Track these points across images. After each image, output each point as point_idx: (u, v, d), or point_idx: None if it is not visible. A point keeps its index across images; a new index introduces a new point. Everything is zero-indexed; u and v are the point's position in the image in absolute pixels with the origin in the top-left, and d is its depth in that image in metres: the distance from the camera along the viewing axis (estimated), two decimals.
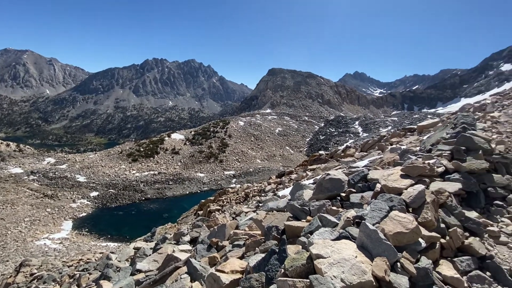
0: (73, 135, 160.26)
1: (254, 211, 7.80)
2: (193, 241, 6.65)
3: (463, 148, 3.44)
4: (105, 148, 63.41)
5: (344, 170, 6.27)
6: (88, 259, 13.56)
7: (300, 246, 2.41)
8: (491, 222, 2.70)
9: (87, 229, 29.88)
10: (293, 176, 14.07)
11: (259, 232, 4.56)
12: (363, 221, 2.15)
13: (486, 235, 2.56)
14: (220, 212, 12.51)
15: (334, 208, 3.51)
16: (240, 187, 18.42)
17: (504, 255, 2.39)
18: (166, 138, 58.97)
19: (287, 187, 11.32)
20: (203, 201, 17.48)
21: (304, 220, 3.59)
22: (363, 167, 5.75)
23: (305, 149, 64.53)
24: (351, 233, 2.14)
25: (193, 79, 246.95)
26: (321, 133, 73.15)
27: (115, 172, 46.34)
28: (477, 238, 2.39)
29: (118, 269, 6.31)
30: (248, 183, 23.53)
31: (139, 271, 5.27)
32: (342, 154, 14.32)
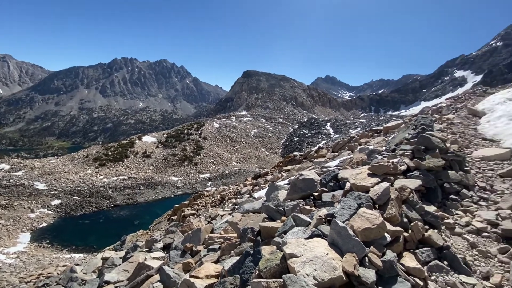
0: (30, 138, 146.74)
1: (230, 214, 7.75)
2: (167, 248, 6.44)
3: (423, 147, 3.73)
4: (68, 153, 58.88)
5: (316, 170, 6.47)
6: (49, 273, 12.47)
7: (275, 247, 2.43)
8: (447, 215, 2.95)
9: (48, 241, 27.48)
10: (269, 177, 14.21)
11: (235, 235, 4.53)
12: (333, 219, 2.23)
13: (443, 227, 2.79)
14: (195, 216, 12.23)
15: (307, 207, 3.59)
16: (216, 190, 18.18)
17: (459, 245, 2.62)
18: (137, 141, 56.43)
19: (263, 189, 11.38)
20: (177, 205, 16.98)
21: (279, 221, 3.63)
22: (334, 167, 5.97)
23: (280, 151, 65.53)
24: (323, 231, 2.21)
25: (166, 79, 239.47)
26: (295, 134, 74.79)
27: (80, 178, 43.28)
28: (436, 230, 2.59)
29: (83, 282, 5.89)
30: (224, 186, 23.30)
31: (108, 282, 4.97)
32: (315, 154, 14.78)
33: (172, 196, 42.58)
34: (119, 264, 5.98)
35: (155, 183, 45.29)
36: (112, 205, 38.20)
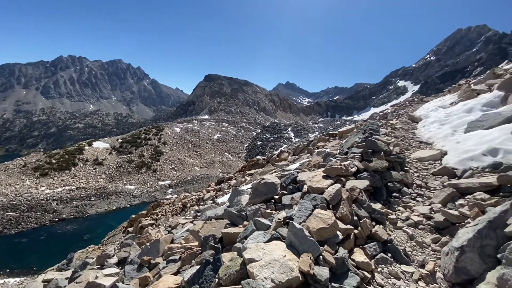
0: None
1: (191, 222, 7.51)
2: (122, 263, 5.99)
3: (370, 150, 4.11)
4: (1, 162, 51.17)
5: (277, 174, 6.66)
6: None
7: (236, 253, 2.44)
8: (391, 211, 3.29)
9: None
10: (232, 182, 14.14)
11: (197, 244, 4.42)
12: (291, 221, 2.33)
13: (387, 223, 3.10)
14: (154, 226, 11.58)
15: (268, 211, 3.67)
16: (177, 197, 17.46)
17: (400, 238, 2.93)
18: (87, 147, 51.53)
19: (226, 194, 11.29)
20: (133, 216, 15.86)
21: (241, 226, 3.64)
22: (294, 170, 6.21)
23: (244, 155, 65.79)
24: (281, 233, 2.29)
25: (120, 81, 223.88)
26: (258, 138, 75.87)
27: (15, 191, 37.88)
28: (381, 226, 2.86)
29: None
30: (186, 193, 22.50)
31: None
32: (277, 158, 15.16)
33: (128, 206, 39.67)
34: (65, 286, 5.37)
35: (108, 192, 41.76)
36: (57, 219, 34.13)
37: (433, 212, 3.25)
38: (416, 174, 4.37)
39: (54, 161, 45.01)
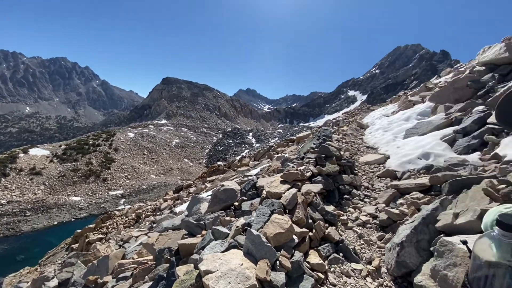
0: None
1: (146, 234, 7.04)
2: (63, 285, 5.34)
3: (323, 155, 4.36)
4: None
5: (238, 179, 6.65)
6: None
7: (192, 265, 2.34)
8: (342, 213, 3.51)
9: None
10: (192, 189, 13.69)
11: (151, 258, 4.14)
12: (249, 228, 2.32)
13: (339, 224, 3.29)
14: (104, 241, 10.57)
15: (227, 218, 3.62)
16: (130, 208, 16.23)
17: (351, 237, 3.14)
18: (21, 155, 45.11)
19: (185, 202, 10.86)
20: (79, 231, 14.26)
21: (199, 236, 3.53)
22: (254, 175, 6.26)
23: (205, 161, 64.37)
24: (239, 241, 2.27)
25: (64, 81, 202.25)
26: (219, 144, 75.08)
27: None
28: (334, 227, 3.03)
29: None
30: (141, 203, 21.06)
31: None
32: (239, 164, 15.16)
33: (73, 220, 35.65)
34: None
35: (48, 206, 37.02)
36: None
37: (378, 212, 3.56)
38: (364, 176, 4.75)
39: None
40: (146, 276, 3.30)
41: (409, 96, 10.66)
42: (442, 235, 2.45)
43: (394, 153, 5.53)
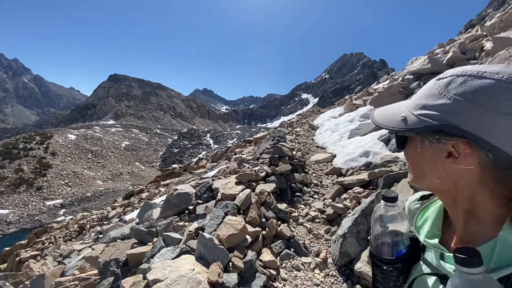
0: None
1: (90, 247, 6.40)
2: None
3: (277, 155, 4.53)
4: None
5: (194, 182, 6.48)
6: None
7: (141, 275, 2.22)
8: (294, 209, 3.70)
9: None
10: (144, 195, 12.86)
11: (95, 272, 3.79)
12: (201, 232, 2.30)
13: (291, 220, 3.47)
14: (39, 258, 9.29)
15: (180, 223, 3.51)
16: (72, 219, 14.54)
17: (301, 233, 3.33)
18: None
19: (136, 209, 10.16)
20: (7, 249, 12.24)
21: (151, 244, 3.36)
22: (211, 177, 6.18)
23: (159, 164, 61.02)
24: (191, 246, 2.23)
25: None
26: (174, 146, 72.01)
27: None
28: (286, 224, 3.18)
29: None
30: (85, 212, 19.02)
31: None
32: (195, 166, 14.74)
33: (0, 236, 30.51)
34: None
35: None
36: None
37: (326, 207, 3.85)
38: (314, 174, 5.08)
39: None
40: None
41: (353, 100, 11.70)
42: None
43: (340, 152, 6.02)
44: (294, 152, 5.11)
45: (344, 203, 3.69)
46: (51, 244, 11.06)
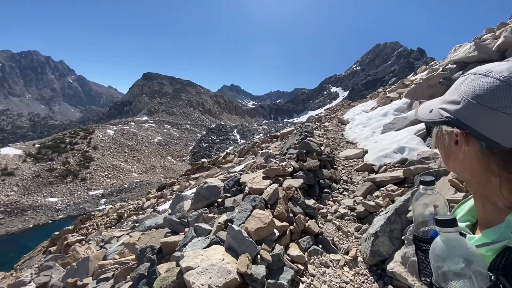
0: None
1: (128, 234, 6.91)
2: None
3: (305, 151, 4.47)
4: None
5: (222, 176, 6.65)
6: None
7: (174, 262, 2.35)
8: (322, 206, 3.63)
9: None
10: (176, 187, 13.50)
11: (133, 257, 4.09)
12: (230, 224, 2.36)
13: (319, 217, 3.41)
14: (84, 243, 10.25)
15: (210, 215, 3.64)
16: (111, 208, 15.77)
17: (330, 229, 3.27)
18: None
19: (168, 201, 10.72)
20: (56, 233, 13.68)
21: (182, 233, 3.52)
22: (238, 171, 6.29)
23: (189, 158, 63.48)
24: (221, 237, 2.30)
25: (37, 76, 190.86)
26: (203, 141, 74.25)
27: None
28: (314, 220, 3.14)
29: None
30: (122, 202, 20.51)
31: None
32: (223, 160, 15.10)
33: (50, 222, 34.13)
34: None
35: (23, 208, 35.17)
36: None
37: (356, 204, 3.72)
38: (343, 171, 4.93)
39: None
40: (128, 276, 3.27)
41: (387, 93, 11.06)
42: (412, 225, 2.61)
43: (372, 148, 5.75)
44: (322, 148, 5.00)
45: (376, 201, 3.53)
46: (93, 230, 12.12)
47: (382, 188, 3.85)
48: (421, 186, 0.68)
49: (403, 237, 2.67)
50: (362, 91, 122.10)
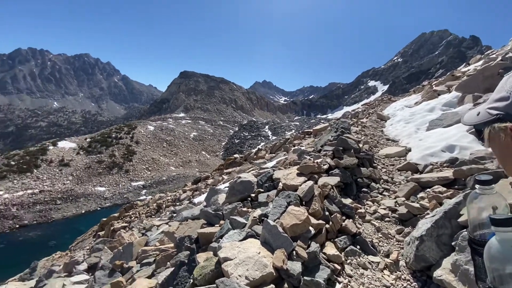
0: None
1: (167, 223, 7.35)
2: (92, 269, 5.74)
3: (341, 148, 4.30)
4: None
5: (255, 172, 6.72)
6: None
7: (211, 253, 2.44)
8: (360, 206, 3.47)
9: None
10: (210, 181, 13.99)
11: (172, 245, 4.34)
12: (265, 218, 2.38)
13: (357, 217, 3.27)
14: (127, 229, 11.15)
15: (244, 209, 3.70)
16: (151, 198, 16.92)
17: (368, 230, 3.12)
18: (51, 147, 47.99)
19: (203, 193, 11.15)
20: (104, 219, 15.11)
21: (218, 225, 3.64)
22: (270, 168, 6.30)
23: (221, 153, 65.27)
24: (256, 231, 2.33)
25: (88, 76, 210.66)
26: (236, 137, 75.67)
27: None
28: (351, 220, 3.02)
29: None
30: (161, 193, 21.86)
31: None
32: (255, 156, 15.24)
33: (99, 209, 37.69)
34: None
35: (76, 195, 39.35)
36: (17, 225, 31.53)
37: (397, 205, 3.49)
38: (384, 170, 4.64)
39: (13, 163, 41.39)
40: (168, 262, 3.48)
41: (434, 86, 10.14)
42: (465, 230, 2.37)
43: (416, 146, 5.33)
44: (360, 145, 4.76)
45: (420, 202, 3.28)
46: (136, 218, 13.13)
47: (428, 189, 3.56)
48: (477, 186, 0.65)
49: (453, 243, 2.44)
50: (403, 85, 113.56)
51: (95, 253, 6.38)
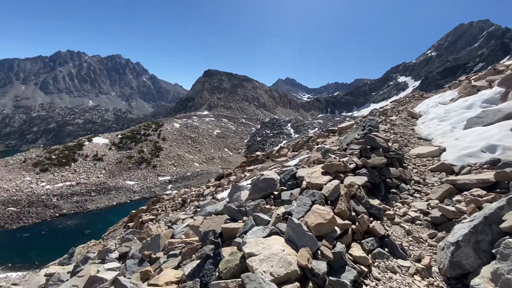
0: None
1: (191, 217, 7.58)
2: (123, 257, 6.08)
3: (369, 147, 4.14)
4: (1, 157, 51.11)
5: (277, 170, 6.69)
6: None
7: (236, 247, 2.48)
8: (389, 207, 3.33)
9: None
10: (232, 178, 14.19)
11: (197, 239, 4.47)
12: (290, 216, 2.36)
13: (385, 218, 3.14)
14: (154, 222, 11.68)
15: (267, 206, 3.71)
16: (177, 193, 17.55)
17: (397, 233, 2.98)
18: (86, 143, 51.55)
19: (226, 189, 11.34)
20: (133, 211, 15.96)
21: (241, 221, 3.68)
22: (293, 166, 6.24)
23: (244, 151, 65.83)
24: (280, 228, 2.33)
25: (119, 76, 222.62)
26: (258, 134, 75.83)
27: (16, 186, 38.01)
28: (379, 221, 2.91)
29: None
30: (186, 188, 22.59)
31: None
32: (277, 154, 15.19)
33: (128, 201, 39.88)
34: (67, 280, 5.45)
35: (109, 188, 41.94)
36: (58, 214, 34.34)
37: (430, 208, 3.29)
38: (415, 170, 4.40)
39: (54, 157, 45.09)
40: (194, 255, 3.59)
41: (472, 81, 9.38)
42: (508, 236, 2.18)
43: (452, 145, 4.98)
44: (389, 144, 4.55)
45: (457, 206, 3.06)
46: (162, 212, 13.71)
47: (465, 192, 3.31)
48: None
49: (493, 251, 2.25)
50: (437, 80, 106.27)
51: (125, 243, 6.75)
